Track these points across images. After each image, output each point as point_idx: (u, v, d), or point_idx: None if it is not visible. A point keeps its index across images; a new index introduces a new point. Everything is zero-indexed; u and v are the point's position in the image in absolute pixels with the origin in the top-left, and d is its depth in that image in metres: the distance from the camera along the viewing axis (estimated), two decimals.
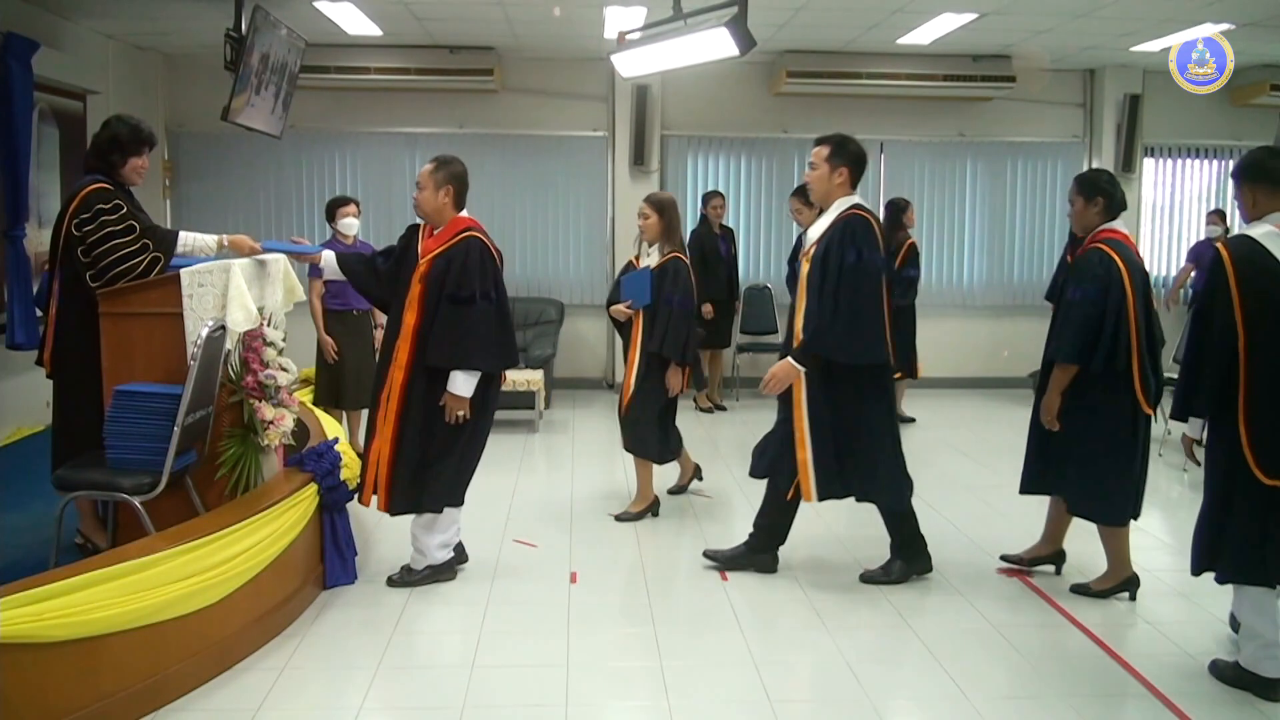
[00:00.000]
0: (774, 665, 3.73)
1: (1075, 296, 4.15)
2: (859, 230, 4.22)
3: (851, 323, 4.17)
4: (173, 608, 3.33)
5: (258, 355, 4.16)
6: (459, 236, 4.33)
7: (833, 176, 4.31)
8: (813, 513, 5.73)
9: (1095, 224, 4.32)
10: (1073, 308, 4.14)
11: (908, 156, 9.60)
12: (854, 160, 4.33)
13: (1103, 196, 4.29)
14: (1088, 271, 4.17)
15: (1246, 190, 3.57)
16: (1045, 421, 4.27)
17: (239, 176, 9.04)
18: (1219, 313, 3.40)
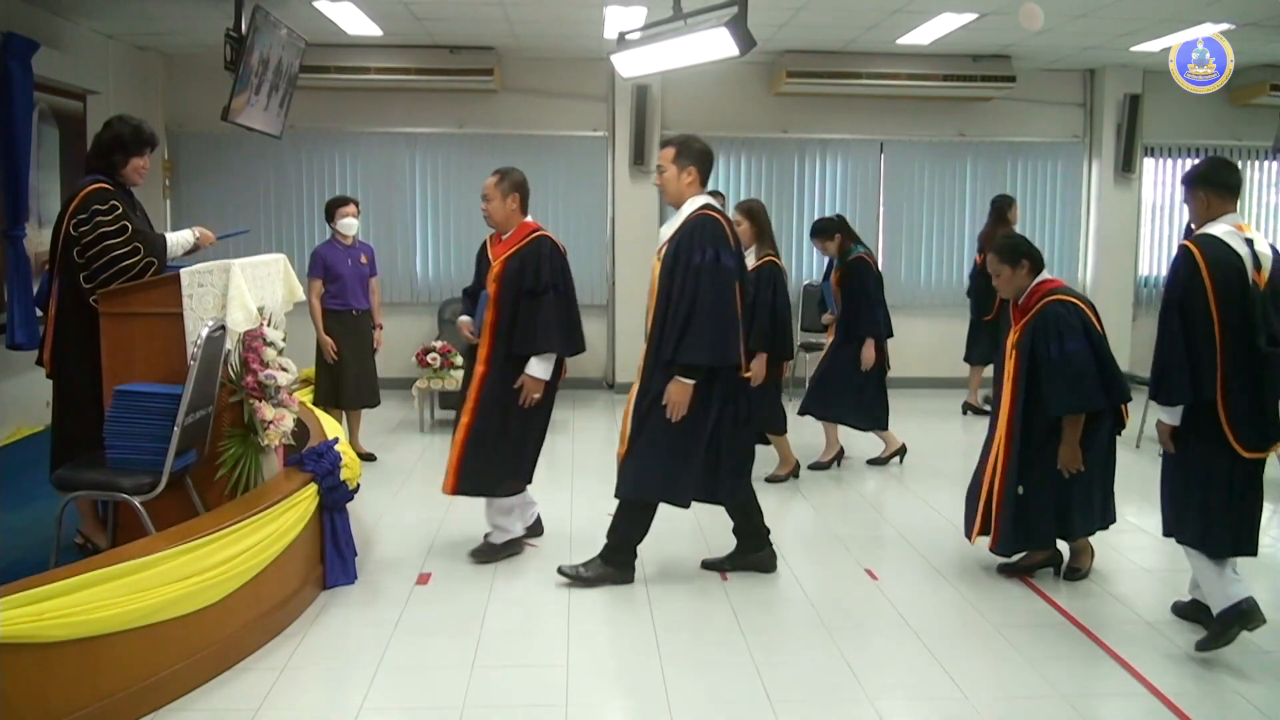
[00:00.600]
0: (774, 665, 3.73)
1: (1073, 349, 4.24)
2: (709, 230, 4.23)
3: (710, 325, 4.15)
4: (173, 608, 3.33)
5: (258, 355, 4.16)
6: (529, 238, 4.66)
7: (682, 176, 4.34)
8: (813, 513, 5.74)
9: (1028, 284, 4.46)
10: (1072, 360, 4.24)
11: (908, 156, 9.60)
12: (700, 158, 4.36)
13: (1026, 259, 4.44)
14: (1068, 325, 4.28)
15: (1200, 196, 3.87)
16: (1075, 468, 4.33)
17: (239, 176, 9.04)
18: (1196, 301, 3.64)
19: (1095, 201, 9.69)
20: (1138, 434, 7.15)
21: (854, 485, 6.40)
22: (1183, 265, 3.71)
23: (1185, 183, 3.95)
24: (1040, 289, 4.41)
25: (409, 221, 9.27)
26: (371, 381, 6.63)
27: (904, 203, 9.60)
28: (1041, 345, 4.30)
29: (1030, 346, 4.34)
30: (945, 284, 9.68)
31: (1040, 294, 4.39)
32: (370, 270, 6.64)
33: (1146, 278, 9.93)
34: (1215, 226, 3.77)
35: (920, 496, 6.09)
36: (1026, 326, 4.38)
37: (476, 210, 9.34)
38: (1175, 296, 3.71)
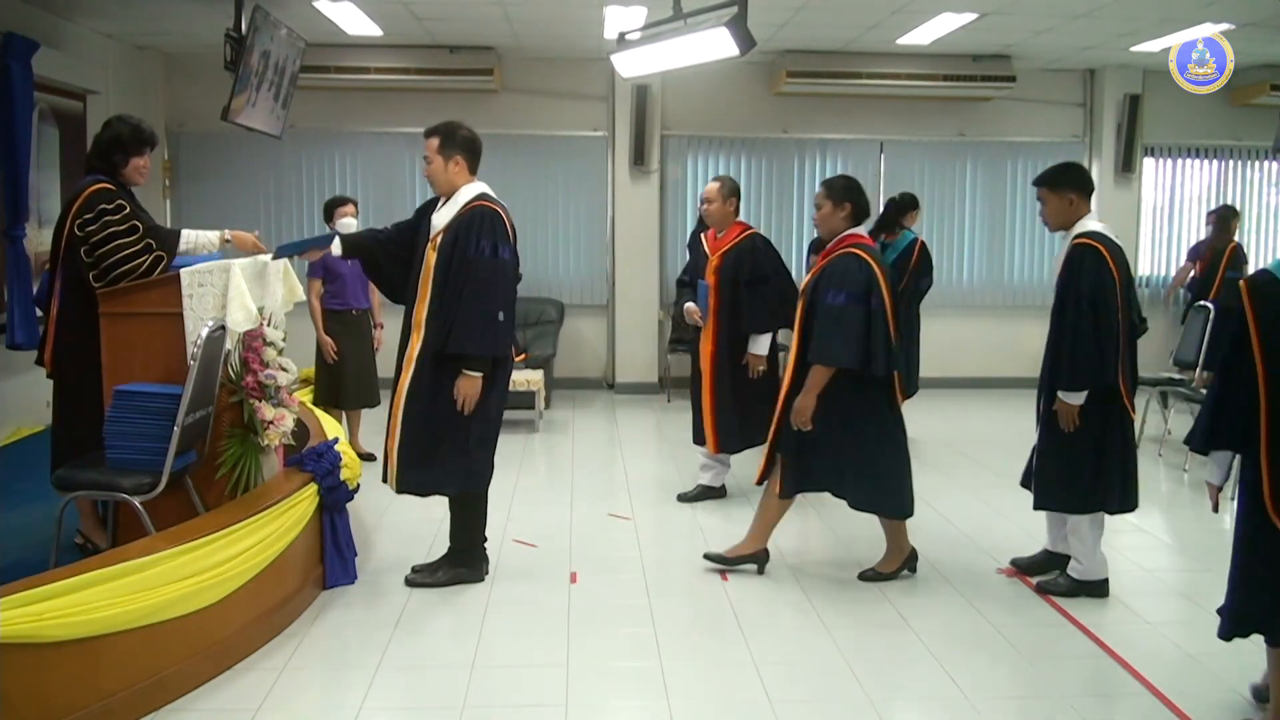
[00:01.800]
0: (774, 665, 3.73)
1: (840, 301, 4.23)
2: (489, 222, 4.24)
3: (482, 317, 4.17)
4: (173, 608, 3.33)
5: (258, 355, 4.16)
6: (743, 236, 5.69)
7: (449, 166, 4.29)
8: (813, 513, 5.73)
9: (842, 229, 4.42)
10: (843, 312, 4.22)
11: (908, 156, 9.60)
12: (465, 146, 4.31)
13: (851, 204, 4.40)
14: (853, 279, 4.25)
15: (1065, 196, 4.20)
16: (800, 423, 4.31)
17: (239, 176, 9.04)
18: (1109, 295, 4.02)
19: (1095, 201, 9.65)
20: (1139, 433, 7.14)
21: None
22: (1095, 264, 4.09)
23: (1044, 184, 4.28)
24: (846, 240, 4.38)
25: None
26: (372, 381, 6.62)
27: None
28: (822, 291, 4.29)
29: (813, 291, 4.36)
30: (945, 284, 9.68)
31: (843, 244, 4.37)
32: None
33: (1146, 278, 9.93)
34: (1089, 223, 4.20)
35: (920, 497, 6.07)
36: (819, 272, 4.39)
37: None
38: (1086, 291, 4.06)
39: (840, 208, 4.41)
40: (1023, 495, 4.65)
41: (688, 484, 6.13)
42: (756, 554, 4.66)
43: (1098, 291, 4.06)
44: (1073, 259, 4.16)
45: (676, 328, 9.21)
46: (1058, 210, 4.25)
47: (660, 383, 9.28)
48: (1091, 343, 4.08)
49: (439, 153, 4.30)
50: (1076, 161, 4.42)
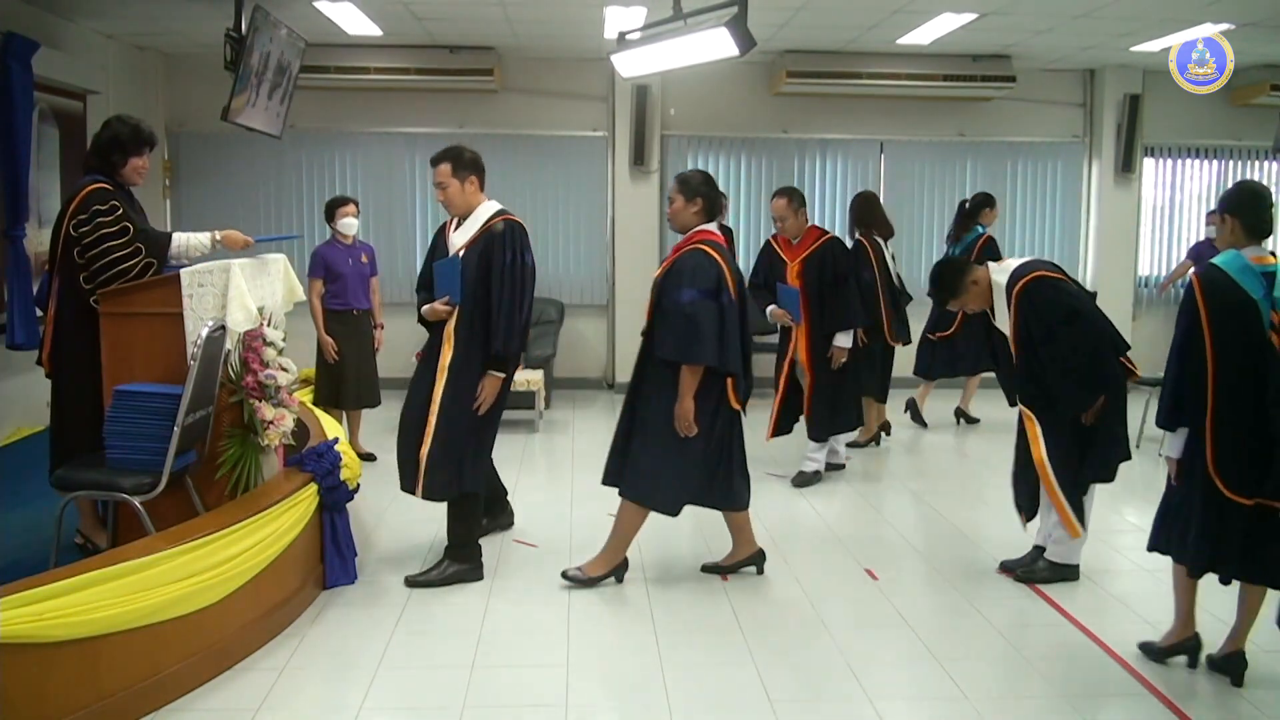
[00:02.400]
0: (774, 665, 3.73)
1: (692, 297, 4.18)
2: (517, 235, 4.46)
3: (521, 320, 4.42)
4: (173, 608, 3.33)
5: (258, 355, 4.16)
6: (820, 240, 6.12)
7: (465, 188, 4.47)
8: (813, 513, 5.74)
9: (694, 224, 4.40)
10: (696, 308, 4.17)
11: (908, 156, 9.60)
12: (475, 166, 4.53)
13: (702, 198, 4.37)
14: (700, 272, 4.23)
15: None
16: (685, 429, 4.26)
17: (239, 176, 9.04)
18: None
19: (1095, 201, 9.70)
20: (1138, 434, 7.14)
21: (854, 485, 6.40)
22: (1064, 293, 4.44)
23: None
24: (696, 235, 4.37)
25: (409, 221, 9.27)
26: (372, 381, 6.63)
27: (904, 203, 9.57)
28: (672, 287, 4.25)
29: (662, 287, 4.34)
30: None
31: (693, 240, 4.36)
32: (371, 270, 6.65)
33: (1146, 277, 9.93)
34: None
35: (920, 496, 6.09)
36: (669, 267, 4.37)
37: None
38: (1068, 318, 4.36)
39: (692, 203, 4.39)
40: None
41: None
42: (752, 556, 4.66)
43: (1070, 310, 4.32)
44: None
45: None
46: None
47: None
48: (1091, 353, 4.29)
49: (453, 176, 4.45)
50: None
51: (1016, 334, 4.40)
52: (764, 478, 6.45)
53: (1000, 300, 4.45)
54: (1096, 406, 4.30)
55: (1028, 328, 4.34)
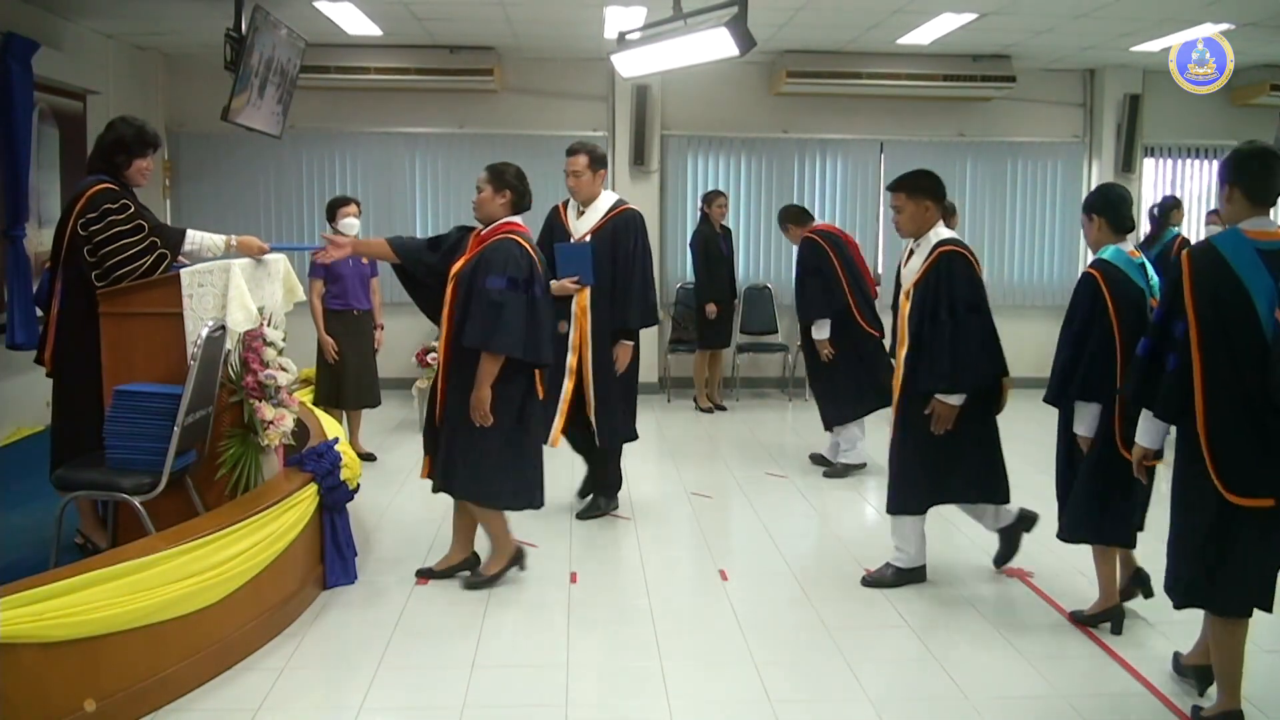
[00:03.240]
0: (774, 665, 3.73)
1: (501, 285, 4.16)
2: (642, 222, 5.40)
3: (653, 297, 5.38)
4: (173, 608, 3.33)
5: (258, 355, 4.16)
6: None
7: (595, 179, 5.24)
8: (813, 513, 5.74)
9: (500, 215, 4.36)
10: (505, 297, 4.14)
11: (908, 156, 9.56)
12: (604, 162, 5.33)
13: (510, 190, 4.37)
14: (512, 262, 4.20)
15: (922, 202, 4.36)
16: (480, 419, 4.20)
17: (239, 176, 9.03)
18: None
19: None
20: None
21: (854, 486, 6.40)
22: (961, 266, 4.36)
23: (904, 189, 4.43)
24: (501, 227, 4.34)
25: (409, 221, 9.26)
26: (372, 381, 6.63)
27: None
28: (482, 276, 4.19)
29: (470, 278, 4.24)
30: None
31: (498, 231, 4.32)
32: (371, 270, 6.64)
33: None
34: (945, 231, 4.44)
35: None
36: (475, 256, 4.29)
37: None
38: (963, 295, 4.36)
39: (500, 194, 4.34)
40: (1023, 496, 4.65)
41: (688, 484, 6.15)
42: (467, 561, 4.58)
43: (977, 295, 4.33)
44: (940, 265, 4.31)
45: (677, 328, 9.22)
46: (914, 217, 4.41)
47: (660, 383, 9.28)
48: (976, 345, 4.30)
49: (589, 168, 5.21)
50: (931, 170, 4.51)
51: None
52: (763, 478, 6.45)
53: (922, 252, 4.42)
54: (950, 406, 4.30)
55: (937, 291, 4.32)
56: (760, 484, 6.33)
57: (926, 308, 4.32)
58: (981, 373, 4.33)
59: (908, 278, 4.47)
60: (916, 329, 4.37)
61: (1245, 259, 3.08)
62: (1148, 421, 3.33)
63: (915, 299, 4.38)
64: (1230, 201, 3.19)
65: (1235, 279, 3.06)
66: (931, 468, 4.46)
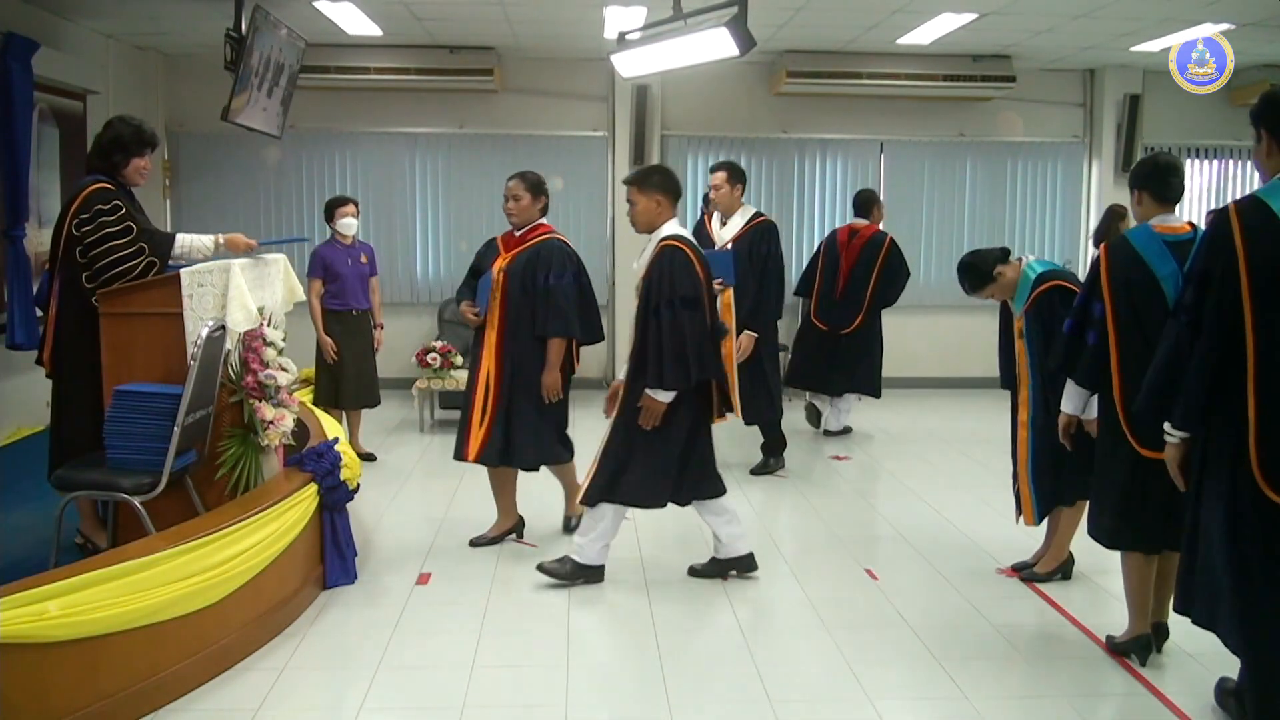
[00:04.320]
0: (774, 665, 3.73)
1: (562, 282, 4.81)
2: (775, 231, 6.29)
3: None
4: (173, 608, 3.33)
5: (258, 355, 4.16)
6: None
7: (734, 193, 6.22)
8: (813, 513, 5.74)
9: (537, 219, 4.94)
10: (558, 292, 4.80)
11: (908, 156, 9.60)
12: (743, 177, 6.33)
13: (545, 197, 4.96)
14: (562, 260, 4.86)
15: (653, 197, 4.36)
16: (551, 395, 4.99)
17: (239, 176, 9.03)
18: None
19: (1095, 201, 9.68)
20: None
21: (854, 485, 6.40)
22: (681, 261, 4.34)
23: (635, 184, 4.44)
24: (539, 229, 4.93)
25: (409, 221, 9.27)
26: (372, 381, 6.63)
27: (904, 203, 9.58)
28: (540, 274, 4.80)
29: (521, 275, 4.81)
30: (946, 284, 9.67)
31: (540, 232, 4.92)
32: (370, 270, 6.64)
33: None
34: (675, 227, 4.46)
35: (920, 496, 6.08)
36: (519, 256, 4.86)
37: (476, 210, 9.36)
38: (681, 291, 4.28)
39: (537, 201, 4.94)
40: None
41: None
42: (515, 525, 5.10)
43: (696, 292, 4.28)
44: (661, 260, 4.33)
45: None
46: (645, 211, 4.43)
47: None
48: (689, 341, 4.20)
49: (728, 182, 6.22)
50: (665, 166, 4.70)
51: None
52: (764, 477, 6.45)
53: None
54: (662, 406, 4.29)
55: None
56: (760, 483, 6.33)
57: (650, 303, 4.30)
58: (692, 372, 4.22)
59: (637, 273, 4.48)
60: (642, 324, 4.34)
61: (1154, 250, 3.55)
62: (1071, 389, 3.79)
63: (641, 294, 4.38)
64: (1140, 204, 3.71)
65: (1145, 266, 3.53)
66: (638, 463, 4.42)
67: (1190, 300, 2.97)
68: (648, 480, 4.39)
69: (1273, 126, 2.93)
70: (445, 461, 6.71)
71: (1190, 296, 2.97)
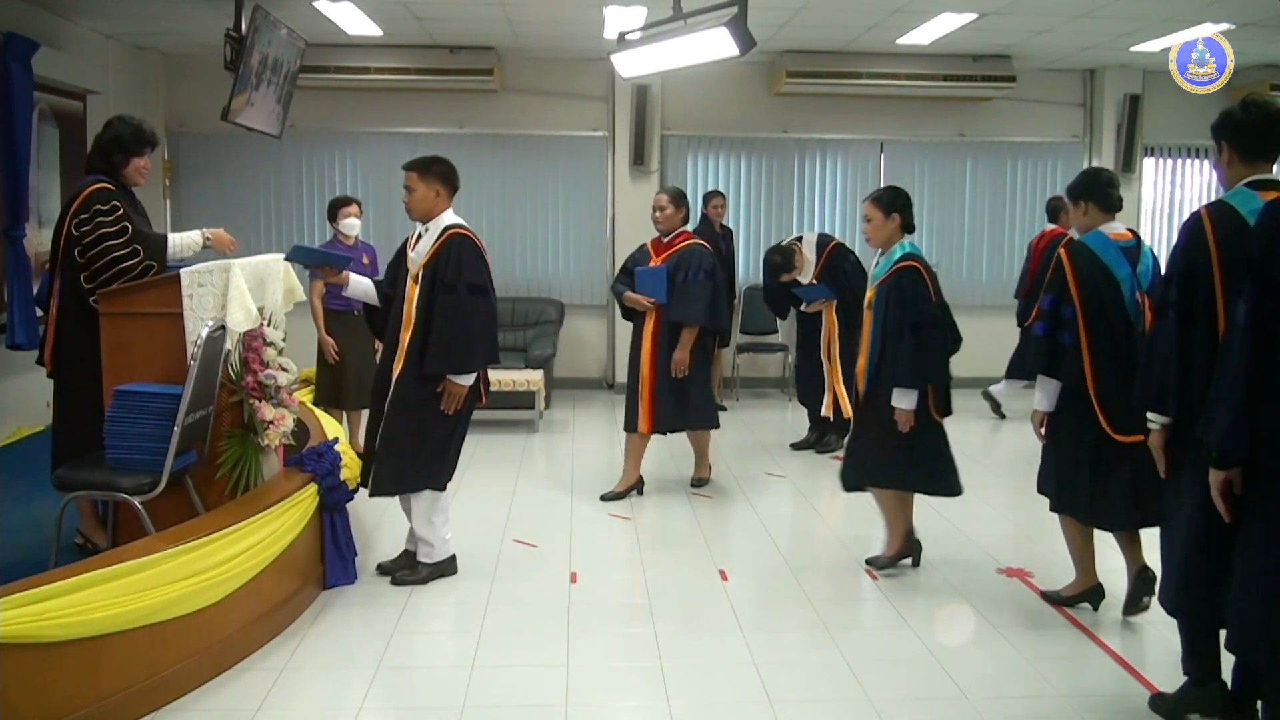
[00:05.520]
0: (774, 665, 3.73)
1: (699, 278, 5.73)
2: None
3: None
4: (173, 608, 3.33)
5: (258, 355, 4.16)
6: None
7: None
8: (813, 512, 5.74)
9: (678, 226, 5.84)
10: (696, 286, 5.72)
11: (908, 156, 9.60)
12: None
13: (686, 207, 5.86)
14: (700, 260, 5.76)
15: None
16: (678, 371, 5.73)
17: (239, 176, 9.04)
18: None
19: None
20: None
21: None
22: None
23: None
24: (682, 235, 5.84)
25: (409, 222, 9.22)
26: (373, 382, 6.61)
27: None
28: (680, 273, 5.72)
29: (670, 275, 5.74)
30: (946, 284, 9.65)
31: (683, 238, 5.83)
32: (372, 271, 6.63)
33: None
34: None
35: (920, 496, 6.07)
36: (669, 259, 5.80)
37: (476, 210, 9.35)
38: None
39: (679, 210, 5.82)
40: (1023, 495, 4.65)
41: (688, 483, 6.14)
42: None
43: (483, 278, 4.44)
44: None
45: None
46: (424, 199, 4.53)
47: None
48: (486, 326, 4.37)
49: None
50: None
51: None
52: (764, 478, 6.45)
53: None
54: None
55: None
56: (760, 484, 6.33)
57: (436, 290, 4.33)
58: (477, 357, 4.31)
59: (415, 261, 4.48)
60: (426, 309, 4.34)
61: (1112, 255, 3.94)
62: (1048, 388, 4.00)
63: (424, 280, 4.38)
64: (1086, 214, 4.05)
65: (1107, 270, 3.91)
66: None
67: (1176, 297, 3.08)
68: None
69: (1232, 138, 3.14)
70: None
71: (1176, 293, 3.08)
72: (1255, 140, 3.09)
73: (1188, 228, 3.10)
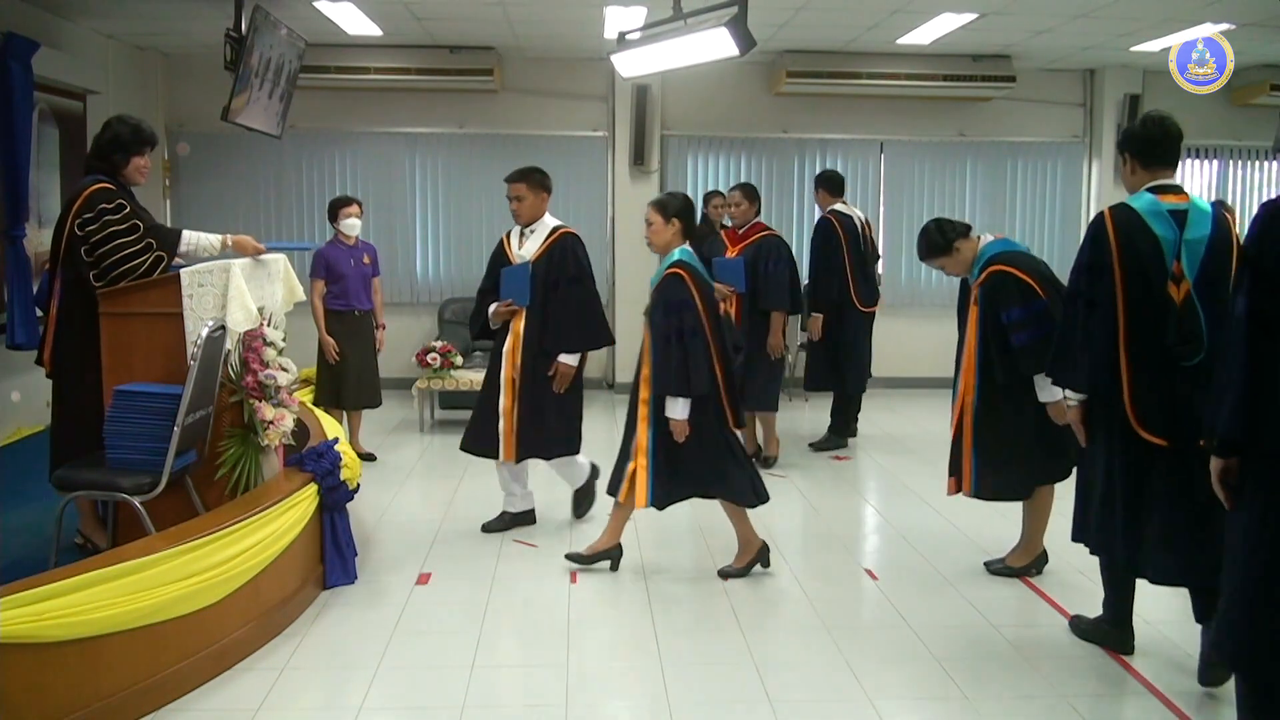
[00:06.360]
0: (774, 665, 3.73)
1: (779, 269, 6.36)
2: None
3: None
4: (173, 608, 3.33)
5: (258, 355, 4.16)
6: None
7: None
8: (813, 512, 5.73)
9: (753, 218, 6.46)
10: (781, 275, 6.39)
11: (908, 156, 9.60)
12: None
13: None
14: (775, 251, 6.49)
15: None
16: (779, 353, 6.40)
17: (239, 176, 9.04)
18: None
19: (1095, 201, 9.68)
20: None
21: (854, 485, 6.40)
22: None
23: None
24: (757, 227, 6.47)
25: (409, 221, 9.27)
26: (374, 382, 6.63)
27: (904, 203, 9.59)
28: (760, 263, 6.28)
29: (750, 265, 6.27)
30: (946, 284, 9.67)
31: (758, 229, 6.41)
32: (373, 270, 6.64)
33: None
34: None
35: (920, 496, 6.08)
36: (745, 251, 6.44)
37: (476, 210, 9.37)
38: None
39: (753, 204, 6.52)
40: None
41: None
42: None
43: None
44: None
45: None
46: (533, 206, 5.04)
47: None
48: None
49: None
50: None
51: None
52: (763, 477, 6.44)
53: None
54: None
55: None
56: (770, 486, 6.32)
57: (555, 282, 4.97)
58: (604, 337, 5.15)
59: (523, 258, 5.04)
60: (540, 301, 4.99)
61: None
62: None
63: (542, 278, 4.99)
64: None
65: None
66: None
67: (1084, 286, 3.58)
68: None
69: (1133, 150, 3.71)
70: (445, 461, 6.72)
71: (1085, 283, 3.58)
72: (1152, 151, 3.67)
73: (1093, 227, 3.58)
